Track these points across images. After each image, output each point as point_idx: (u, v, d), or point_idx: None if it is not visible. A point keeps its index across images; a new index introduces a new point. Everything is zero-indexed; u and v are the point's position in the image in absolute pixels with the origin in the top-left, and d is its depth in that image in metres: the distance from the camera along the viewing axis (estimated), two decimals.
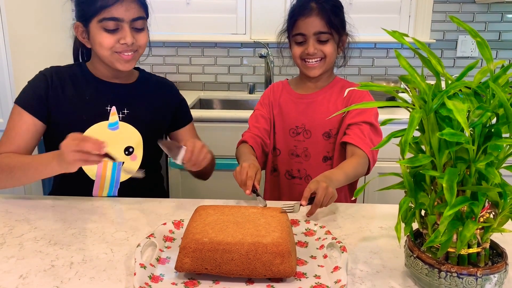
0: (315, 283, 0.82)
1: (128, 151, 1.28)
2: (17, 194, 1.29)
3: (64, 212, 1.12)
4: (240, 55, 2.68)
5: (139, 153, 1.29)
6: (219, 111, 2.52)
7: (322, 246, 0.94)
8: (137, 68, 1.38)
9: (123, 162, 1.28)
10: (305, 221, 1.04)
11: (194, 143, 1.13)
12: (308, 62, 1.33)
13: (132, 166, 1.29)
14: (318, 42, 1.31)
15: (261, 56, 2.53)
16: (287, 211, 0.98)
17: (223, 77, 2.72)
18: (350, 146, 1.29)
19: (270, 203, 1.16)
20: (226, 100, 2.62)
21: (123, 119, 1.28)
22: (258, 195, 1.13)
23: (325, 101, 1.39)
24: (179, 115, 1.41)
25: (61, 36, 2.54)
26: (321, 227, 1.01)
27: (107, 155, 1.05)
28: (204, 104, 2.61)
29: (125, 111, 1.28)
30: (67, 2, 2.58)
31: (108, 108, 1.27)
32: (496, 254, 0.80)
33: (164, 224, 1.00)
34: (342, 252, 0.89)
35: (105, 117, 1.26)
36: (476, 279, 0.73)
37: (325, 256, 0.90)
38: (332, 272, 0.84)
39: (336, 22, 1.30)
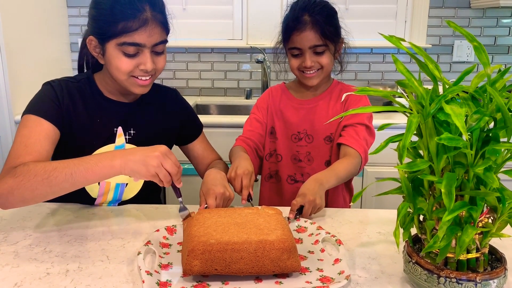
0: (320, 276, 0.85)
1: None
2: None
3: (60, 219, 1.11)
4: (236, 61, 2.68)
5: None
6: (216, 116, 2.51)
7: (317, 241, 0.97)
8: None
9: (127, 184, 1.24)
10: (295, 218, 1.07)
11: (217, 201, 1.08)
12: (306, 73, 1.34)
13: (135, 186, 1.25)
14: (315, 54, 1.31)
15: (258, 62, 2.53)
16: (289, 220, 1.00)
17: (219, 83, 2.72)
18: (344, 146, 1.31)
19: None
20: (223, 105, 2.62)
21: (129, 141, 1.22)
22: (252, 204, 1.13)
23: (325, 106, 1.40)
24: (188, 126, 1.36)
25: (57, 42, 2.54)
26: (311, 223, 1.05)
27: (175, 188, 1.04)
28: (201, 109, 2.61)
29: (132, 132, 1.22)
30: (63, 8, 2.59)
31: (115, 129, 1.21)
32: (495, 259, 0.79)
33: (157, 230, 1.00)
34: (339, 245, 0.93)
35: (112, 138, 1.20)
36: (476, 284, 0.72)
37: (322, 250, 0.94)
38: (333, 264, 0.87)
39: (330, 32, 1.30)
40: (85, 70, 1.29)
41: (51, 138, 1.10)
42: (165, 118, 1.30)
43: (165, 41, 1.14)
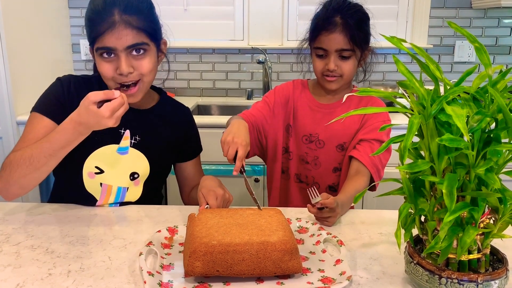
0: (321, 276, 0.85)
1: (133, 176, 1.23)
2: (14, 201, 1.27)
3: (62, 220, 1.12)
4: (238, 61, 2.69)
5: (143, 179, 1.26)
6: (217, 117, 2.51)
7: (318, 242, 0.98)
8: (159, 89, 1.34)
9: (128, 188, 1.24)
10: (296, 219, 1.08)
11: (217, 202, 1.08)
12: (327, 77, 1.30)
13: (136, 191, 1.26)
14: (340, 57, 1.28)
15: (259, 62, 2.53)
16: (311, 194, 1.06)
17: (221, 83, 2.72)
18: (356, 161, 1.27)
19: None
20: (224, 106, 2.62)
21: (134, 146, 1.23)
22: (245, 176, 1.10)
23: (343, 114, 1.35)
24: (189, 147, 1.37)
25: (58, 43, 2.54)
26: (312, 224, 1.05)
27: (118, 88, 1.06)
28: (202, 110, 2.61)
29: (138, 138, 1.23)
30: (65, 8, 2.59)
31: (122, 131, 1.22)
32: (496, 260, 0.79)
33: (159, 231, 1.01)
34: (341, 246, 0.94)
35: (117, 139, 1.21)
36: (477, 285, 0.72)
37: (323, 251, 0.94)
38: (334, 265, 0.88)
39: (359, 38, 1.26)
40: None
41: None
42: (172, 132, 1.31)
43: (142, 43, 1.11)
